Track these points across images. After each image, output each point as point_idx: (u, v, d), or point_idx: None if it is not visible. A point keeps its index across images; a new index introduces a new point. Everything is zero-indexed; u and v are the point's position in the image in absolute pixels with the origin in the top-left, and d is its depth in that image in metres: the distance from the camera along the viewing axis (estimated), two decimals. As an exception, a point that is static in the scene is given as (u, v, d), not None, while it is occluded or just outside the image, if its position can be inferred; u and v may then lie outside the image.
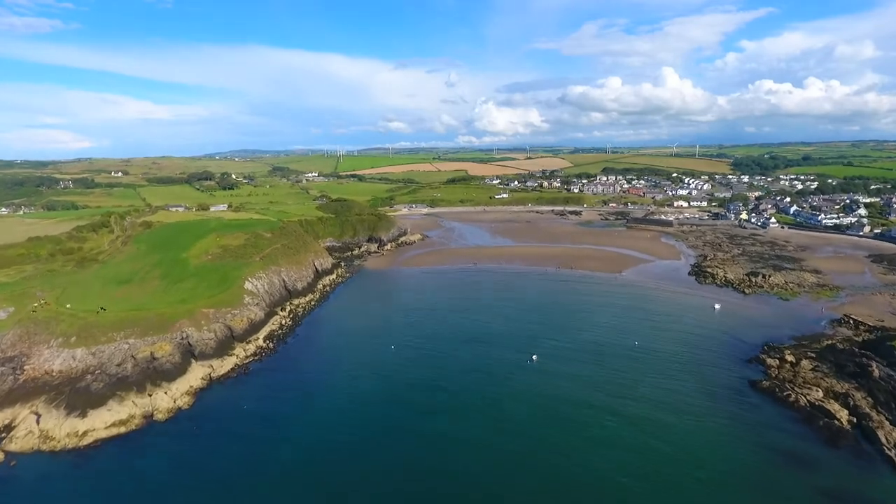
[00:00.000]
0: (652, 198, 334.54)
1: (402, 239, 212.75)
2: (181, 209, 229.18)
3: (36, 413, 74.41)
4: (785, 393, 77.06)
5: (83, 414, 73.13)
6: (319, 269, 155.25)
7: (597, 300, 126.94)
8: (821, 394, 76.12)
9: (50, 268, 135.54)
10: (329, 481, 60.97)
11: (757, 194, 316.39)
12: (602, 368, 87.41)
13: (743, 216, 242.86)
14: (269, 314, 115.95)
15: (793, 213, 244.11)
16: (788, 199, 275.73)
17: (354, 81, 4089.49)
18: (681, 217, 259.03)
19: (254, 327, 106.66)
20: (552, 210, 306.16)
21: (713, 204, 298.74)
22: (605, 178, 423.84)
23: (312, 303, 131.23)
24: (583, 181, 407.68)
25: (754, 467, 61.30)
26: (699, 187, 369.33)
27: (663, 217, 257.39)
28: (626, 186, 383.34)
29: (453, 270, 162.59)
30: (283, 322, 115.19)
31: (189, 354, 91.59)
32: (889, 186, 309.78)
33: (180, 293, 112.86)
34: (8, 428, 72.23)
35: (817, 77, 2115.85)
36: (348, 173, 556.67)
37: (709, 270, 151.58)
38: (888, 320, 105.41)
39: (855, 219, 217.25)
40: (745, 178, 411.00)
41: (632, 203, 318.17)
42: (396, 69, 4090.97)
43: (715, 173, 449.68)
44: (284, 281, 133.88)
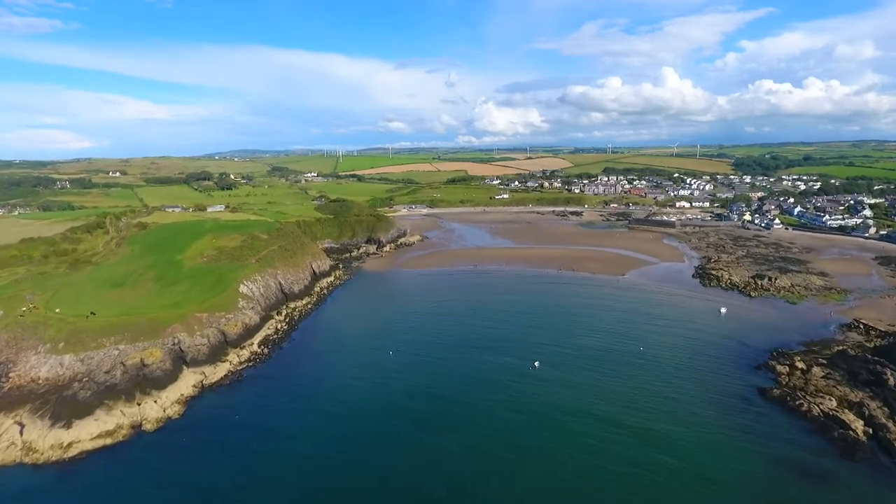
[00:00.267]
0: (653, 198, 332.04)
1: (402, 240, 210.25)
2: (178, 210, 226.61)
3: (20, 423, 71.71)
4: (797, 402, 74.42)
5: (68, 424, 70.46)
6: (317, 272, 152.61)
7: (599, 303, 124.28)
8: (834, 403, 73.45)
9: (42, 270, 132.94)
10: (321, 498, 58.41)
11: (760, 195, 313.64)
12: (605, 376, 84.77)
13: (746, 217, 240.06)
14: (265, 318, 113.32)
15: (797, 214, 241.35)
16: (792, 200, 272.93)
17: (354, 81, 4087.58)
18: (683, 218, 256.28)
19: (248, 332, 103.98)
20: (553, 211, 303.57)
21: (715, 204, 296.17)
22: (606, 179, 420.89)
23: (309, 306, 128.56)
24: (583, 181, 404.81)
25: (766, 482, 58.61)
26: (701, 188, 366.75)
27: (665, 218, 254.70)
28: (628, 187, 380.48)
29: (453, 272, 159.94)
30: (279, 326, 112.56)
31: (181, 361, 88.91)
32: (892, 187, 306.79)
33: (174, 296, 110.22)
34: (-10, 439, 69.42)
35: (817, 77, 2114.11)
36: (348, 173, 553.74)
37: (713, 273, 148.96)
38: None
39: (860, 220, 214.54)
40: (748, 179, 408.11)
41: (633, 204, 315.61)
42: (396, 69, 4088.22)
43: (717, 173, 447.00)
44: (281, 284, 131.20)
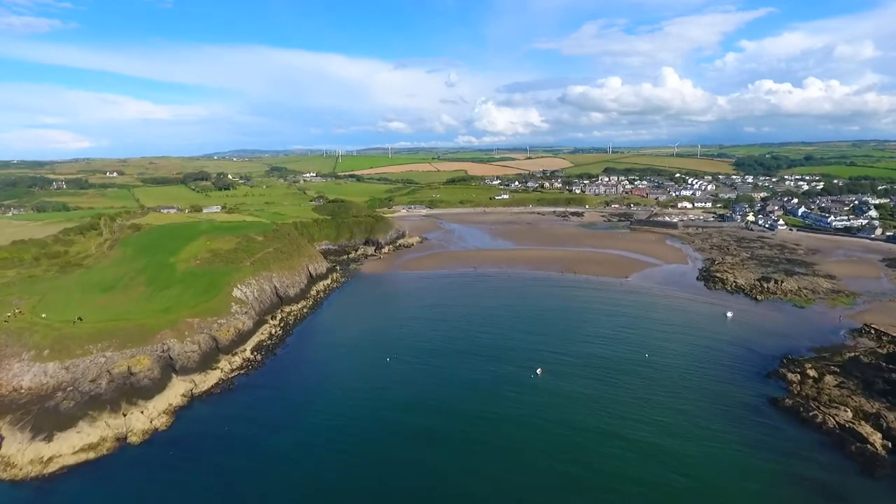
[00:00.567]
0: (655, 199, 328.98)
1: (400, 241, 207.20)
2: (173, 211, 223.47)
3: (-1, 436, 68.69)
4: (810, 413, 71.32)
5: (49, 437, 67.36)
6: (313, 274, 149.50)
7: (602, 308, 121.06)
8: (850, 414, 70.38)
9: (32, 273, 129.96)
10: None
11: (762, 195, 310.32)
12: (609, 386, 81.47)
13: (750, 218, 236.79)
14: (259, 323, 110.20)
15: (801, 215, 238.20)
16: (796, 201, 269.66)
17: (354, 81, 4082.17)
18: (685, 219, 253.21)
19: (241, 338, 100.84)
20: (553, 211, 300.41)
21: (718, 205, 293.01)
22: (607, 179, 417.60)
23: (305, 310, 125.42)
24: (584, 182, 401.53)
25: (781, 502, 55.52)
26: (703, 188, 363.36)
27: (667, 219, 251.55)
28: (629, 187, 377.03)
29: (452, 275, 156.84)
30: (273, 332, 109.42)
31: (170, 369, 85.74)
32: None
33: (165, 301, 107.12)
34: (-33, 453, 66.30)
35: (817, 77, 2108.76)
36: (347, 173, 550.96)
37: (718, 275, 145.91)
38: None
39: (866, 221, 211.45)
40: (749, 179, 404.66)
41: (635, 204, 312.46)
42: (396, 69, 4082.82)
43: (718, 173, 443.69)
44: (276, 287, 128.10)
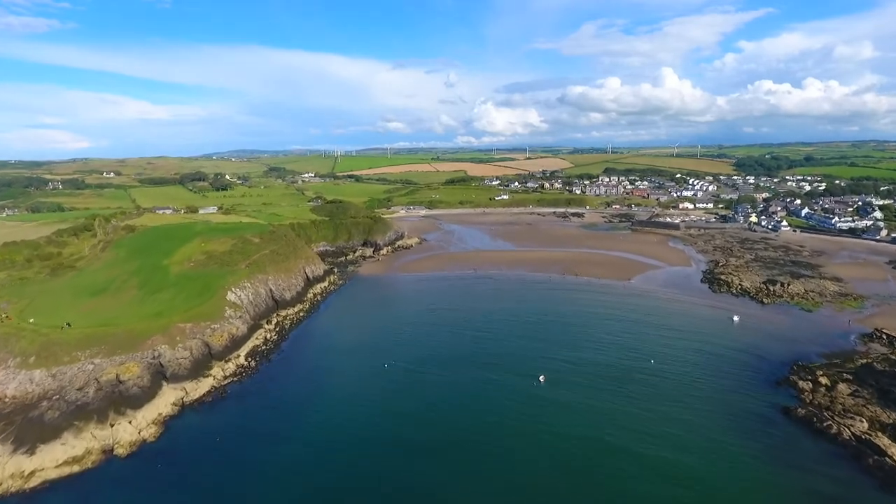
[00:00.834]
0: (656, 199, 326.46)
1: (399, 243, 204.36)
2: (169, 212, 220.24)
3: (-21, 448, 65.75)
4: (825, 423, 68.63)
5: (32, 450, 64.49)
6: (310, 277, 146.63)
7: (606, 312, 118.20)
8: (865, 425, 67.66)
9: (23, 275, 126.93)
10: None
11: (764, 196, 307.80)
12: (615, 395, 78.51)
13: (752, 219, 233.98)
14: (253, 328, 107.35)
15: (804, 216, 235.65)
16: (798, 202, 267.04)
17: (353, 82, 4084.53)
18: (687, 220, 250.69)
19: (235, 343, 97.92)
20: (554, 212, 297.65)
21: (719, 206, 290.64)
22: (608, 179, 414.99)
23: (301, 314, 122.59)
24: (584, 182, 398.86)
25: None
26: (704, 188, 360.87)
27: (669, 220, 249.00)
28: (630, 188, 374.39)
29: (452, 277, 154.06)
30: (268, 336, 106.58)
31: (160, 376, 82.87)
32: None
33: (157, 305, 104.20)
34: (-55, 466, 63.41)
35: (816, 77, 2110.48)
36: (345, 174, 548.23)
37: (723, 278, 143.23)
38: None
39: (870, 222, 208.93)
40: (751, 179, 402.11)
41: (636, 205, 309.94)
42: (395, 69, 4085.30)
43: (719, 174, 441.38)
44: (272, 290, 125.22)
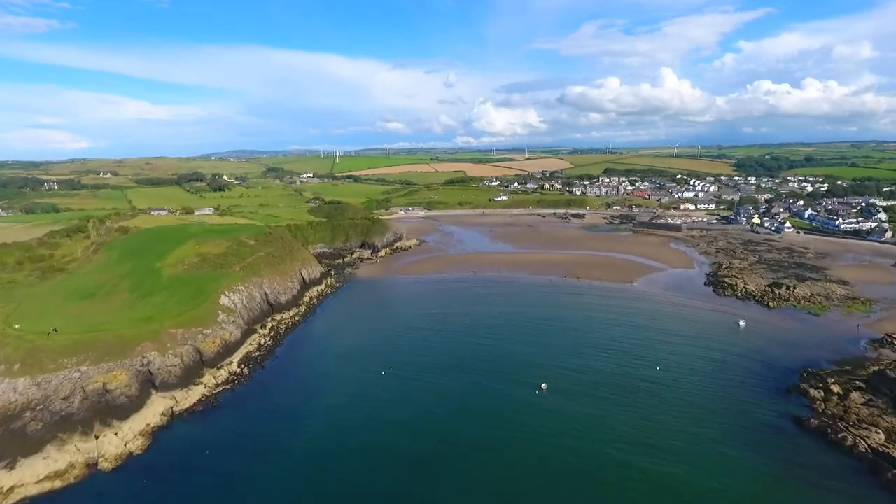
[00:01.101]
0: (657, 200, 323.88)
1: (398, 244, 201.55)
2: (164, 213, 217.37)
3: (-43, 462, 62.86)
4: (839, 434, 66.01)
5: (12, 464, 61.69)
6: (307, 280, 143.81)
7: (609, 317, 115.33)
8: (882, 436, 64.99)
9: (12, 279, 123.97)
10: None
11: (766, 197, 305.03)
12: (620, 406, 75.46)
13: (755, 220, 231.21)
14: (247, 333, 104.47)
15: (807, 217, 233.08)
16: (801, 203, 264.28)
17: (353, 82, 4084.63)
18: (689, 221, 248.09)
19: (228, 349, 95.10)
20: (554, 213, 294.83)
21: (721, 206, 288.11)
22: (608, 180, 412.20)
23: (297, 318, 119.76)
24: (584, 183, 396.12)
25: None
26: (705, 189, 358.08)
27: (670, 221, 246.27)
28: (630, 188, 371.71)
29: (451, 280, 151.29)
30: (263, 342, 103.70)
31: (149, 384, 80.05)
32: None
33: (148, 309, 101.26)
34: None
35: (815, 78, 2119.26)
36: (344, 174, 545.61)
37: (727, 281, 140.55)
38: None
39: (875, 223, 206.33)
40: (752, 180, 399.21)
41: (636, 206, 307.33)
42: (395, 69, 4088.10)
43: (720, 174, 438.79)
44: (266, 294, 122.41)
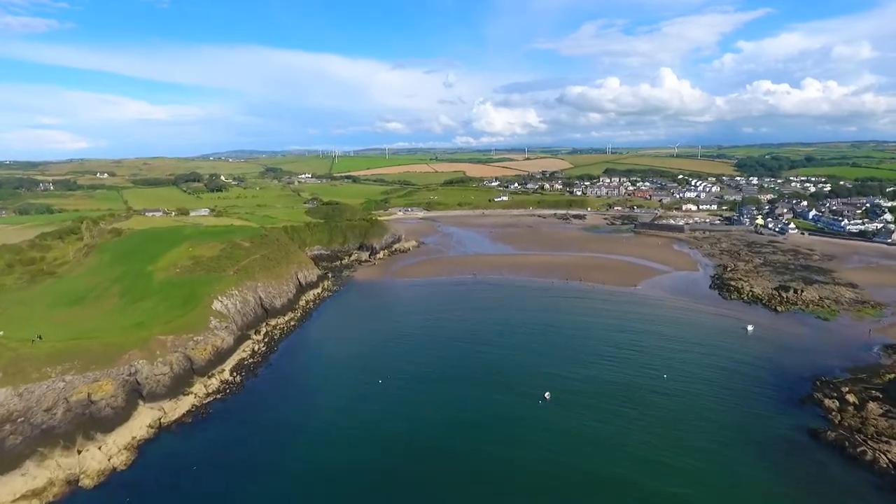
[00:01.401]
0: (659, 200, 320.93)
1: (396, 246, 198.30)
2: (159, 214, 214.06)
3: (-70, 480, 59.65)
4: (858, 448, 62.88)
5: (-12, 482, 58.55)
6: (303, 283, 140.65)
7: (612, 322, 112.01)
8: (903, 451, 61.95)
9: (2, 282, 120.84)
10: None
11: (769, 197, 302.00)
12: (626, 420, 71.95)
13: (759, 221, 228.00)
14: (241, 339, 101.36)
15: (812, 219, 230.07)
16: (805, 203, 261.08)
17: (352, 82, 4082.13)
18: (691, 222, 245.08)
19: (220, 357, 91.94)
20: (554, 214, 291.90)
21: (724, 207, 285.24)
22: (609, 180, 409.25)
23: (292, 323, 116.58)
24: (585, 183, 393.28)
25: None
26: (707, 189, 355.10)
27: (673, 222, 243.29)
28: (631, 189, 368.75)
29: (450, 282, 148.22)
30: (256, 348, 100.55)
31: (136, 395, 76.87)
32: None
33: (138, 315, 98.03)
34: None
35: (815, 78, 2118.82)
36: (343, 174, 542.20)
37: (732, 284, 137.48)
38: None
39: (881, 224, 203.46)
40: (754, 180, 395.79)
41: (638, 206, 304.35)
42: (394, 69, 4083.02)
43: (722, 175, 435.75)
44: (261, 298, 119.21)
